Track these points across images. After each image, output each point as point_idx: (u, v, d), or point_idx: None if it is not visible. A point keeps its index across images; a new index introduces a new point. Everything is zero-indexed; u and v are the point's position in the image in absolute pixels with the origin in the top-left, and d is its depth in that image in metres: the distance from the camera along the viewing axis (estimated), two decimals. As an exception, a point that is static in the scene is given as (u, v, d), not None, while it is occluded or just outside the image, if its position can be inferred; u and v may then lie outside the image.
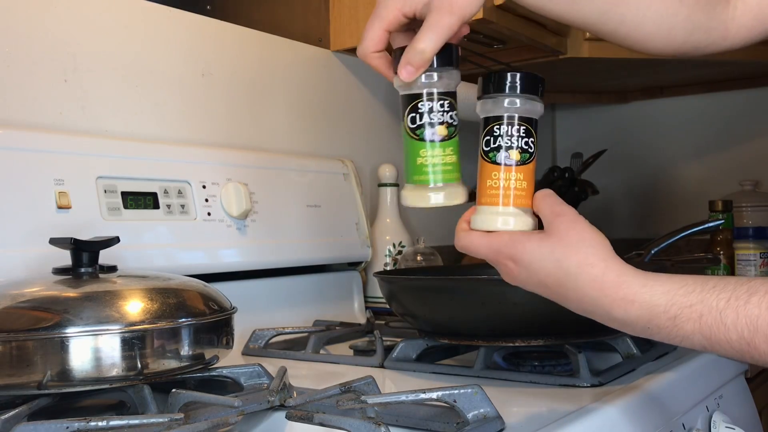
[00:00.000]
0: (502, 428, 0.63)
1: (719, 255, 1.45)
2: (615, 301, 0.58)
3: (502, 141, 0.62)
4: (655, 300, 0.56)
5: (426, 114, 0.64)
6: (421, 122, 0.64)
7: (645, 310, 0.57)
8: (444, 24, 0.63)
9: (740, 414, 0.93)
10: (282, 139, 1.38)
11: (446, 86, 0.64)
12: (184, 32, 1.21)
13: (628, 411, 0.71)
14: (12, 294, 0.69)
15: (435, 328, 0.90)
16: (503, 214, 0.63)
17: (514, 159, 0.62)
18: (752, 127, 1.95)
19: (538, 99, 0.63)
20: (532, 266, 0.61)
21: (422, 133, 0.64)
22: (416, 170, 0.65)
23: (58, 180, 0.93)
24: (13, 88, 0.99)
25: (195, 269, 1.04)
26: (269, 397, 0.68)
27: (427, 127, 0.64)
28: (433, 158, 0.64)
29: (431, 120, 0.64)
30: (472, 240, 0.65)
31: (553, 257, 0.60)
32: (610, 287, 0.58)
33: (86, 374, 0.66)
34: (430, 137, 0.64)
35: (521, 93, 0.62)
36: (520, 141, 0.62)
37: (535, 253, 0.61)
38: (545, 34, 1.48)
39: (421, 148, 0.64)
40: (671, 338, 0.57)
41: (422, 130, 0.64)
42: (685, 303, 0.55)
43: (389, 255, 1.44)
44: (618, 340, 0.89)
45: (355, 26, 1.45)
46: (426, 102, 0.64)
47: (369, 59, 0.68)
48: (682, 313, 0.55)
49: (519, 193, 0.63)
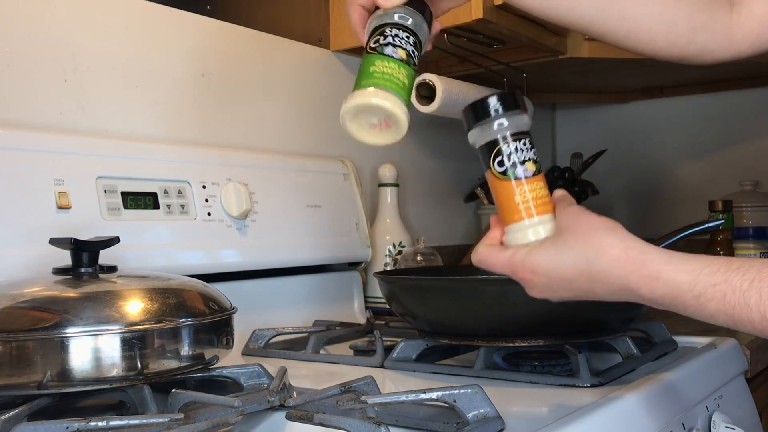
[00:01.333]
0: (502, 428, 0.63)
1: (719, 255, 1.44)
2: (641, 279, 0.58)
3: (515, 157, 0.64)
4: (679, 278, 0.56)
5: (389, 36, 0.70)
6: (383, 42, 0.69)
7: (670, 288, 0.57)
8: None
9: (740, 414, 0.93)
10: (282, 139, 1.38)
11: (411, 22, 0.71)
12: (184, 32, 1.21)
13: (628, 411, 0.71)
14: (12, 294, 0.69)
15: (435, 328, 0.90)
16: (532, 226, 0.63)
17: (531, 170, 0.64)
18: (752, 127, 1.95)
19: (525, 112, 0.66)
20: (551, 269, 0.61)
21: (382, 49, 0.69)
22: (365, 76, 0.69)
23: (58, 180, 0.93)
24: (13, 88, 0.99)
25: (195, 269, 1.04)
26: (269, 397, 0.68)
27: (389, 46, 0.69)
28: (384, 68, 0.68)
29: (393, 42, 0.69)
30: (488, 255, 0.65)
31: (569, 251, 0.60)
32: (633, 265, 0.58)
33: (86, 374, 0.66)
34: (390, 53, 0.69)
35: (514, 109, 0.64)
36: (529, 153, 0.64)
37: (551, 255, 0.61)
38: (545, 34, 1.48)
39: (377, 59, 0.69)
40: (697, 315, 0.57)
41: (383, 48, 0.69)
42: (709, 282, 0.55)
43: (389, 255, 1.44)
44: (618, 340, 0.89)
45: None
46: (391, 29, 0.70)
47: (352, 9, 0.75)
48: (706, 292, 0.55)
49: (543, 200, 0.64)
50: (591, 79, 1.91)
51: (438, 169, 1.81)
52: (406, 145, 1.70)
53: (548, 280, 0.62)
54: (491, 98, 0.64)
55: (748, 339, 1.02)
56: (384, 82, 0.67)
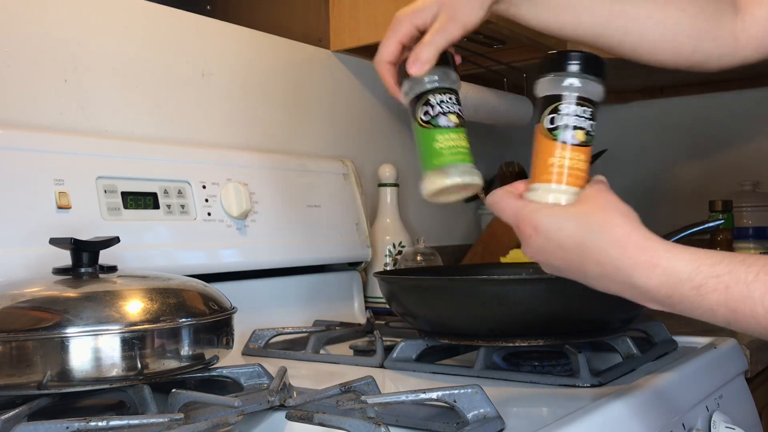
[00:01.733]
0: (502, 428, 0.63)
1: (719, 254, 1.45)
2: (637, 264, 0.56)
3: (569, 120, 0.61)
4: (680, 266, 0.54)
5: (437, 105, 0.69)
6: (434, 113, 0.69)
7: (668, 276, 0.54)
8: (448, 29, 0.71)
9: (740, 414, 0.93)
10: (282, 139, 1.38)
11: (448, 81, 0.71)
12: (184, 32, 1.21)
13: (628, 411, 0.71)
14: (12, 294, 0.69)
15: (435, 328, 0.90)
16: (556, 191, 0.62)
17: (579, 140, 0.62)
18: (752, 127, 1.95)
19: (602, 83, 0.63)
20: (551, 231, 0.59)
21: (436, 120, 0.69)
22: (434, 155, 0.69)
23: (58, 180, 0.93)
24: (14, 88, 0.99)
25: (195, 269, 1.04)
26: (269, 397, 0.68)
27: (441, 116, 0.69)
28: (448, 141, 0.68)
29: (443, 110, 0.69)
30: (501, 199, 0.64)
31: (575, 220, 0.59)
32: (633, 248, 0.56)
33: (86, 374, 0.66)
34: (445, 124, 0.69)
35: (593, 74, 0.62)
36: (586, 122, 0.62)
37: (557, 218, 0.60)
38: (545, 34, 1.48)
39: (438, 134, 0.69)
40: (693, 309, 0.55)
41: (436, 119, 0.69)
42: (712, 273, 0.53)
43: (389, 255, 1.44)
44: (618, 340, 0.89)
45: (355, 26, 1.45)
46: (434, 95, 0.70)
47: (381, 67, 0.75)
48: (708, 283, 0.53)
49: (577, 173, 0.62)
50: (591, 79, 1.90)
51: (438, 169, 1.80)
52: (406, 145, 1.70)
53: (545, 241, 0.60)
54: (578, 54, 0.62)
55: (748, 339, 1.02)
56: (454, 158, 0.69)
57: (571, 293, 0.80)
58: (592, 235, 0.58)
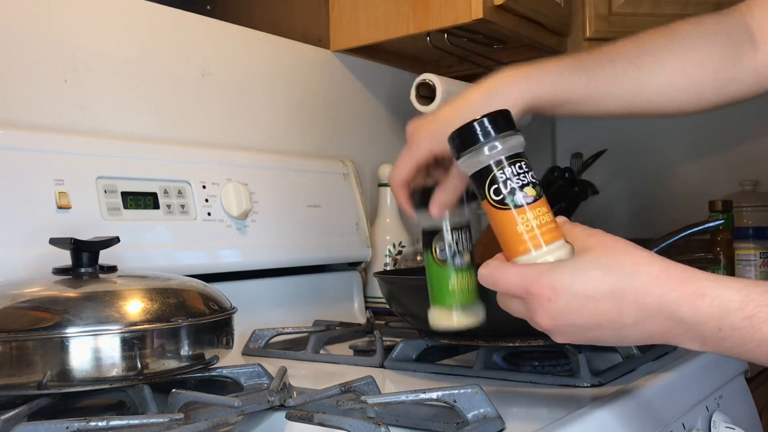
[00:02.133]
0: (502, 428, 0.63)
1: (719, 255, 1.44)
2: (683, 296, 0.51)
3: (512, 183, 0.58)
4: (728, 295, 0.50)
5: (453, 244, 0.71)
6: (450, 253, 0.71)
7: (716, 307, 0.50)
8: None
9: (740, 414, 0.93)
10: (282, 139, 1.38)
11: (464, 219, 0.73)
12: (184, 32, 1.21)
13: (628, 411, 0.71)
14: (12, 294, 0.69)
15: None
16: (543, 255, 0.57)
17: (532, 196, 0.58)
18: (752, 127, 1.95)
19: (517, 131, 0.60)
20: (575, 284, 0.53)
21: (452, 261, 0.71)
22: (445, 293, 0.72)
23: (58, 180, 0.93)
24: (14, 88, 0.99)
25: (195, 269, 1.04)
26: (269, 397, 0.68)
27: (456, 256, 0.71)
28: (460, 283, 0.71)
29: (458, 249, 0.71)
30: (496, 269, 0.58)
31: (600, 266, 0.53)
32: (675, 281, 0.52)
33: (86, 374, 0.66)
34: (459, 264, 0.71)
35: (506, 130, 0.59)
36: (528, 176, 0.59)
37: (580, 269, 0.54)
38: (545, 34, 1.48)
39: (452, 273, 0.71)
40: (743, 344, 0.51)
41: (452, 259, 0.71)
42: (764, 301, 0.50)
43: (389, 255, 1.44)
44: (618, 340, 0.89)
45: (355, 26, 1.45)
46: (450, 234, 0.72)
47: (396, 186, 0.76)
48: (761, 312, 0.49)
49: (549, 227, 0.58)
50: (591, 79, 1.91)
51: (438, 169, 1.81)
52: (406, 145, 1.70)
53: (569, 299, 0.54)
54: (478, 121, 0.59)
55: (748, 339, 1.02)
56: (463, 299, 0.71)
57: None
58: (626, 278, 0.53)
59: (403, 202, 0.77)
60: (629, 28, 1.51)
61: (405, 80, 1.65)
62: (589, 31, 1.51)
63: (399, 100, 1.65)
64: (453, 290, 0.71)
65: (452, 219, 0.72)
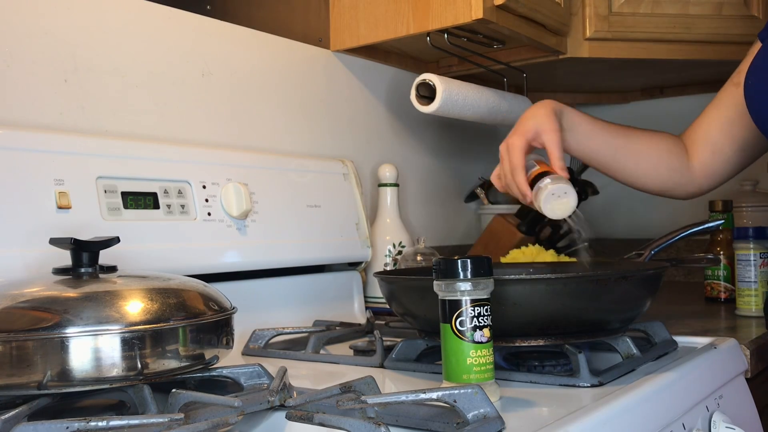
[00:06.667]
0: (502, 428, 0.63)
1: (719, 255, 1.44)
2: None
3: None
4: None
5: (475, 318, 0.72)
6: (470, 326, 0.72)
7: None
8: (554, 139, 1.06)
9: (740, 414, 0.93)
10: (282, 139, 1.38)
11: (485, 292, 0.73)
12: (184, 32, 1.21)
13: (628, 411, 0.71)
14: (12, 294, 0.69)
15: (435, 328, 0.90)
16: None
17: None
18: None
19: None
20: None
21: (472, 335, 0.72)
22: (463, 368, 0.72)
23: (58, 180, 0.93)
24: (13, 88, 0.99)
25: (195, 269, 1.04)
26: (269, 397, 0.68)
27: (477, 331, 0.72)
28: (479, 359, 0.71)
29: (479, 323, 0.72)
30: None
31: None
32: None
33: (86, 374, 0.66)
34: (479, 339, 0.72)
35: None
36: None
37: None
38: (545, 34, 1.48)
39: (471, 349, 0.71)
40: None
41: (472, 333, 0.72)
42: None
43: (389, 255, 1.44)
44: (618, 340, 0.89)
45: (355, 26, 1.45)
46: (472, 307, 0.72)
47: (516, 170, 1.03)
48: None
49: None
50: (591, 79, 1.91)
51: (438, 169, 1.81)
52: (406, 145, 1.70)
53: None
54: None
55: (748, 339, 1.02)
56: (481, 377, 0.71)
57: (572, 293, 0.80)
58: None
59: (521, 182, 1.00)
60: (629, 28, 1.52)
61: (405, 80, 1.65)
62: (589, 31, 1.51)
63: (399, 100, 1.65)
64: (470, 365, 0.71)
65: (472, 289, 0.71)
